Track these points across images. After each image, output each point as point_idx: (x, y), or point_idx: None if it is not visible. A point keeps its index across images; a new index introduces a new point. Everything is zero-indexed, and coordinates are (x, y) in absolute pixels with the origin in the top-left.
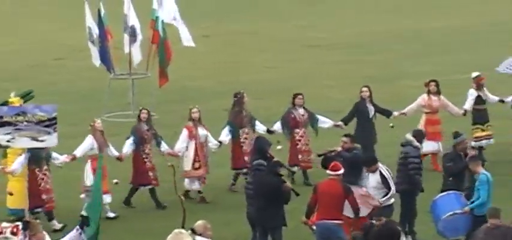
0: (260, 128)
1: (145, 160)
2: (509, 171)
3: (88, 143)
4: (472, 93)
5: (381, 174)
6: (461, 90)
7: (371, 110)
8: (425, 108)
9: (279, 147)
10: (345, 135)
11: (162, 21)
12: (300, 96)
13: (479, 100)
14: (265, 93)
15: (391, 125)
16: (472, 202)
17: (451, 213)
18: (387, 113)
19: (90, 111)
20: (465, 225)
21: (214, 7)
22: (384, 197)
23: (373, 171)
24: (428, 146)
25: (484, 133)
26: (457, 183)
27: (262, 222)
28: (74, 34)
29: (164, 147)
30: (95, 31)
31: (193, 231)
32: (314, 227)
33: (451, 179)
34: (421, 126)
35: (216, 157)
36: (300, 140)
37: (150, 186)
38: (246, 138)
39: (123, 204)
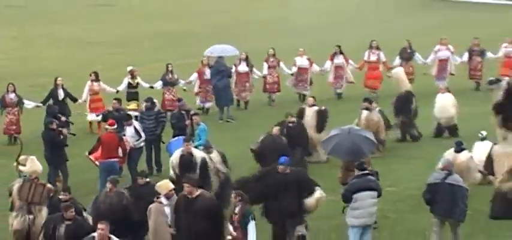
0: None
1: None
2: None
3: None
4: (126, 80)
5: (135, 127)
6: (159, 73)
7: (61, 94)
8: (90, 92)
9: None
10: (114, 99)
11: None
12: (10, 85)
13: (130, 85)
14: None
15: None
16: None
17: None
18: (74, 99)
19: None
20: None
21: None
22: (136, 141)
23: (129, 125)
24: (92, 117)
25: (131, 106)
26: (181, 133)
27: (51, 162)
28: None
29: None
30: None
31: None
32: (97, 163)
33: (177, 130)
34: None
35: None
36: (13, 116)
37: None
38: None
39: None
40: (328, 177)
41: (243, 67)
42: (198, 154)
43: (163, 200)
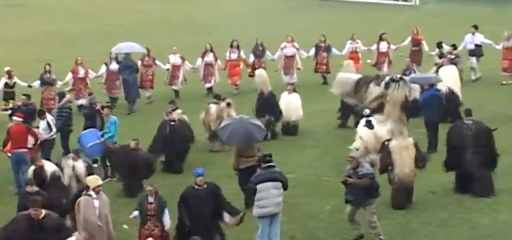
0: None
1: None
2: None
3: None
4: (4, 80)
5: (47, 121)
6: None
7: None
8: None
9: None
10: (23, 94)
11: None
12: None
13: (7, 85)
14: None
15: None
16: (103, 134)
17: (91, 143)
18: None
19: None
20: (100, 150)
21: None
22: (48, 134)
23: (43, 119)
24: None
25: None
26: (92, 124)
27: None
28: None
29: None
30: None
31: None
32: (9, 154)
33: (88, 122)
34: None
35: None
36: None
37: None
38: None
39: None
40: (225, 165)
41: (114, 66)
42: (49, 168)
43: (91, 193)
